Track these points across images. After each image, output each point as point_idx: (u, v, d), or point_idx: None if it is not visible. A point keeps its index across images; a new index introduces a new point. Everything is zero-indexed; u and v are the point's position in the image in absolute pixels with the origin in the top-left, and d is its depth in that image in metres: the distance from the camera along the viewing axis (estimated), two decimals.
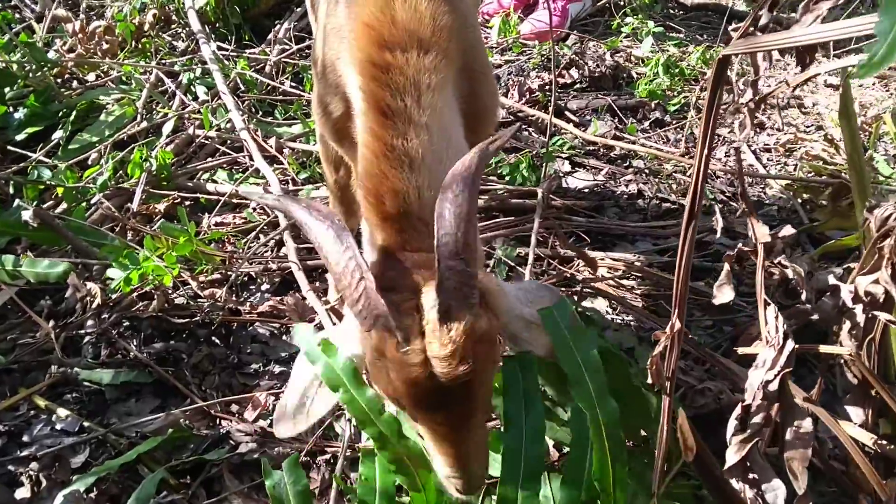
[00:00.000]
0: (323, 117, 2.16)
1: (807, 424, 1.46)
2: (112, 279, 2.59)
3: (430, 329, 1.47)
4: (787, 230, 1.62)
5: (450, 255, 1.46)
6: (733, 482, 1.46)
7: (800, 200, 3.23)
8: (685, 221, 1.35)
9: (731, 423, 1.49)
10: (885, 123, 3.42)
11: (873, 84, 4.28)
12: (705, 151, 1.26)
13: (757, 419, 1.46)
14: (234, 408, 2.38)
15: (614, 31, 4.64)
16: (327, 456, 2.24)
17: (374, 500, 1.91)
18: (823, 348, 1.61)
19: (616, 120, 3.88)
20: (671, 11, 5.03)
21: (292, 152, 3.48)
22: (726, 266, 1.65)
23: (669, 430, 1.51)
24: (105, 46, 4.07)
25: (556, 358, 1.67)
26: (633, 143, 3.67)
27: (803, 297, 1.67)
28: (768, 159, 3.66)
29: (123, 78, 3.94)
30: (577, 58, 4.18)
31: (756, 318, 2.53)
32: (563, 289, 2.79)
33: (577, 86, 4.11)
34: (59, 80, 3.94)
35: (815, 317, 1.73)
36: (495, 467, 2.03)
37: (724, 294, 1.60)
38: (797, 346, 1.52)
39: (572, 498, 1.71)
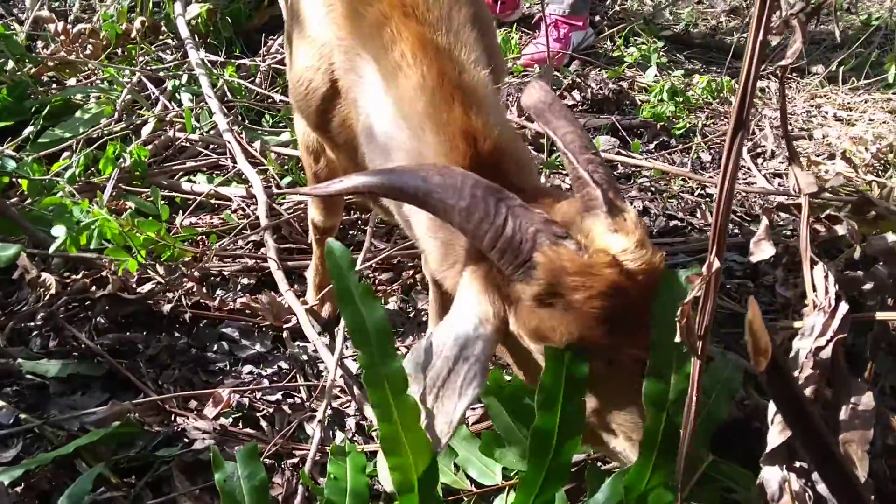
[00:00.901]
0: (304, 97, 1.91)
1: (866, 400, 1.22)
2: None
3: (603, 227, 1.28)
4: (837, 180, 1.40)
5: (581, 148, 1.31)
6: (774, 470, 1.20)
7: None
8: (731, 130, 1.13)
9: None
10: None
11: (884, 121, 4.14)
12: (759, 36, 1.05)
13: (805, 393, 1.21)
14: (193, 404, 2.11)
15: (617, 61, 4.51)
16: (295, 459, 1.96)
17: (344, 500, 1.64)
18: (881, 315, 1.37)
19: (620, 143, 3.70)
20: (674, 46, 4.91)
21: (277, 157, 3.27)
22: (764, 220, 1.44)
23: (699, 404, 1.26)
24: (89, 50, 3.89)
25: None
26: (639, 161, 3.49)
27: (856, 255, 1.44)
28: (780, 184, 3.48)
29: (106, 83, 3.75)
30: (579, 80, 4.03)
31: (777, 328, 2.31)
32: None
33: (580, 108, 3.95)
34: (38, 82, 3.74)
35: (869, 286, 1.50)
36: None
37: (762, 250, 1.37)
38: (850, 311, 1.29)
39: None
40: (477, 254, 1.40)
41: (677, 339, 1.24)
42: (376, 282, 2.67)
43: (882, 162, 3.53)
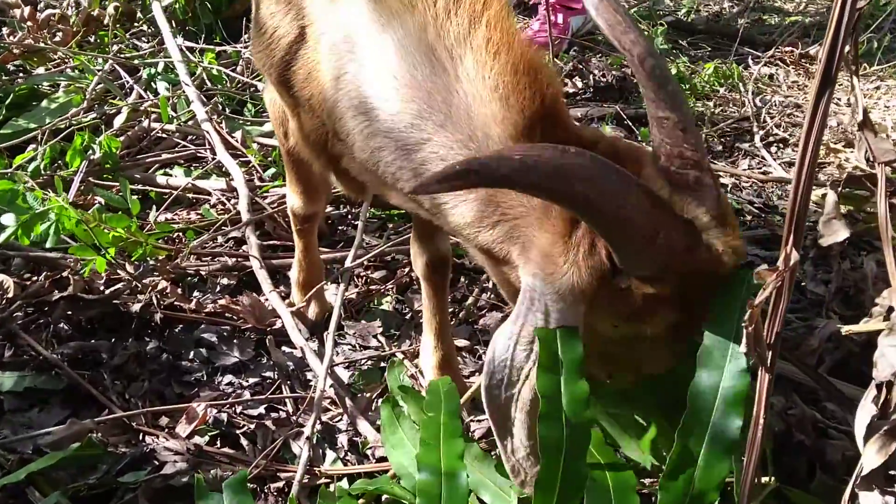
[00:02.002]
0: (267, 47, 1.67)
1: None
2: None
3: (706, 217, 1.20)
4: None
5: (689, 128, 1.19)
6: (874, 497, 0.98)
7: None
8: (815, 90, 0.92)
9: (864, 412, 1.02)
10: None
11: None
12: None
13: None
14: (165, 420, 1.88)
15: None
16: (280, 483, 1.73)
17: None
18: None
19: (625, 133, 3.49)
20: (677, 33, 4.70)
21: (260, 148, 3.04)
22: (832, 195, 1.22)
23: (767, 420, 1.04)
24: (58, 37, 3.65)
25: None
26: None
27: None
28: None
29: (76, 71, 3.50)
30: (581, 66, 3.81)
31: (813, 328, 2.09)
32: None
33: (582, 96, 3.74)
34: (3, 70, 3.49)
35: None
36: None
37: (834, 232, 1.15)
38: None
39: None
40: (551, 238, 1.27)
41: (742, 348, 1.03)
42: (369, 280, 2.44)
43: None
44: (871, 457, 0.97)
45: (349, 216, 2.81)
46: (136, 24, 4.06)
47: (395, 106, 1.39)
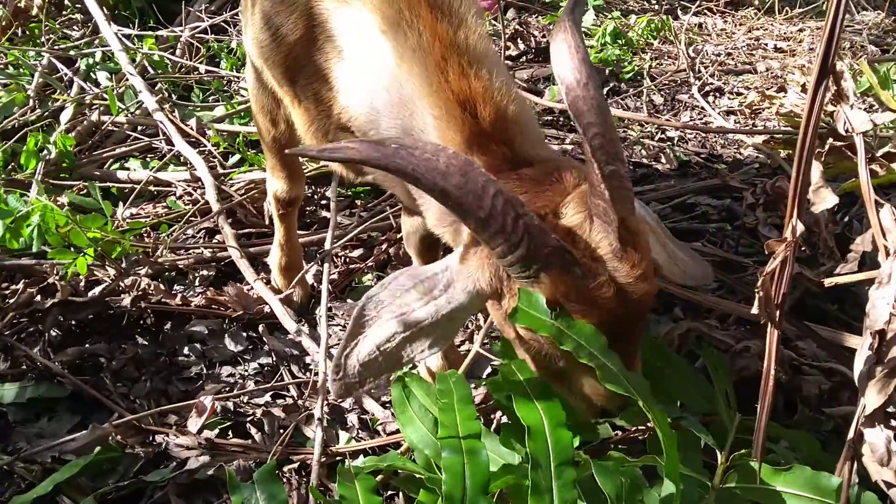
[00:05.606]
0: (271, 41, 1.72)
1: None
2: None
3: (609, 249, 1.28)
4: (886, 116, 1.31)
5: (609, 157, 1.24)
6: (877, 432, 1.11)
7: (783, 156, 2.99)
8: (815, 77, 1.02)
9: (862, 357, 1.15)
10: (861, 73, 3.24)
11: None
12: None
13: None
14: (173, 418, 1.92)
15: (552, 6, 4.39)
16: (295, 465, 1.80)
17: None
18: None
19: None
20: None
21: (217, 134, 3.03)
22: (817, 164, 1.33)
23: (776, 374, 1.17)
24: None
25: None
26: None
27: None
28: (735, 122, 3.43)
29: (11, 67, 3.41)
30: (521, 28, 3.89)
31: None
32: None
33: (525, 58, 3.82)
34: None
35: None
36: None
37: (823, 199, 1.27)
38: None
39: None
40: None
41: (754, 310, 1.15)
42: (348, 260, 2.50)
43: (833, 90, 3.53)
44: (872, 398, 1.10)
45: (315, 196, 2.84)
46: (64, 13, 3.94)
47: (389, 101, 1.53)
